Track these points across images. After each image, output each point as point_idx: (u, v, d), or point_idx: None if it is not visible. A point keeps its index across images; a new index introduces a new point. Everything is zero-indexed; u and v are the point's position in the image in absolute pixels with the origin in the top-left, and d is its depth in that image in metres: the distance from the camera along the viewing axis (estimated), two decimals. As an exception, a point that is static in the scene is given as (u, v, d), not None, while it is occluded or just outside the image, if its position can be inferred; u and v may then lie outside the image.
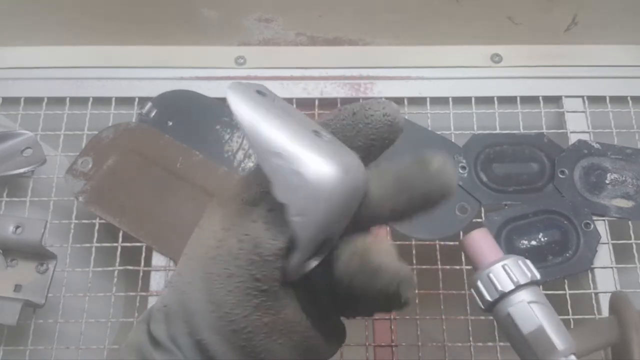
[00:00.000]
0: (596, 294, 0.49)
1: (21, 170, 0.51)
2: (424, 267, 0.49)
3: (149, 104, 0.55)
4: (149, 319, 0.27)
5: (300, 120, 0.24)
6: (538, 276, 0.27)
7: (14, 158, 0.51)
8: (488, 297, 0.26)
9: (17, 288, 0.46)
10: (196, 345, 0.25)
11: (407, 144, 0.53)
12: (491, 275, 0.26)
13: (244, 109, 0.23)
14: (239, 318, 0.24)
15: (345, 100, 0.56)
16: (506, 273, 0.26)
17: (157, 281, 0.49)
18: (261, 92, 0.25)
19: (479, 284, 0.26)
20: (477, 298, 0.27)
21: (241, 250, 0.24)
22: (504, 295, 0.26)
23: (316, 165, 0.22)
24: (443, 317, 0.47)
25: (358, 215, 0.24)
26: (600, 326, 0.42)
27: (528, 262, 0.27)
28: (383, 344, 0.46)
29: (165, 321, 0.26)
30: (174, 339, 0.25)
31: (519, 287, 0.26)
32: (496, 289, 0.26)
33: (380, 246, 0.24)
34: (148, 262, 0.50)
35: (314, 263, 0.24)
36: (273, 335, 0.25)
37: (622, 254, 0.50)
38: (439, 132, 0.54)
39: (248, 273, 0.24)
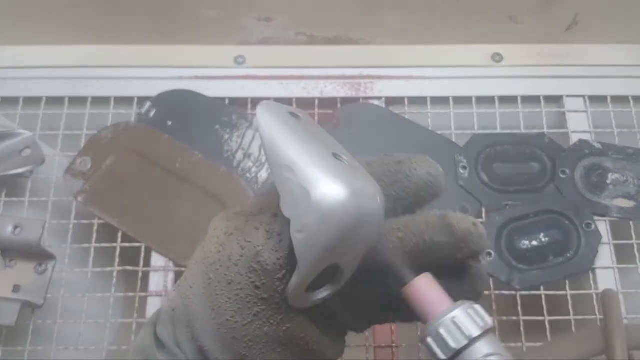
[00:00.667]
0: (597, 294, 0.48)
1: (20, 171, 0.51)
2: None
3: (148, 104, 0.55)
4: (156, 321, 0.27)
5: (324, 143, 0.24)
6: (490, 323, 0.23)
7: (12, 158, 0.51)
8: (441, 356, 0.23)
9: (16, 288, 0.46)
10: (199, 351, 0.25)
11: (408, 145, 0.53)
12: (441, 330, 0.23)
13: (267, 122, 0.23)
14: (239, 326, 0.24)
15: (346, 100, 0.56)
16: (457, 326, 0.23)
17: (156, 282, 0.49)
18: (294, 114, 0.25)
19: (430, 340, 0.23)
20: (430, 356, 0.24)
21: (241, 257, 0.24)
22: (457, 353, 0.23)
23: (322, 183, 0.21)
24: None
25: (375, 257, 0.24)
26: (585, 336, 0.42)
27: (478, 307, 0.23)
28: (383, 344, 0.46)
29: (171, 324, 0.25)
30: (178, 343, 0.25)
31: (472, 340, 0.23)
32: (448, 346, 0.23)
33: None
34: (147, 262, 0.49)
35: (323, 294, 0.24)
36: (273, 344, 0.24)
37: (623, 254, 0.50)
38: (439, 132, 0.54)
39: (248, 281, 0.24)
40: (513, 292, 0.48)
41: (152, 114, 0.54)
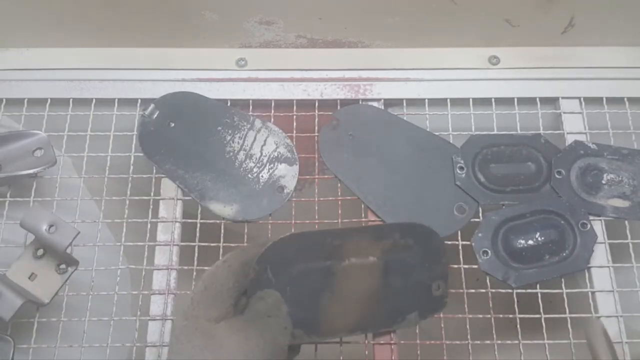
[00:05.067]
0: (593, 293, 0.49)
1: (31, 171, 0.51)
2: (422, 266, 0.49)
3: (152, 106, 0.55)
4: None
5: None
6: None
7: (24, 158, 0.51)
8: None
9: (32, 277, 0.47)
10: None
11: (407, 146, 0.54)
12: None
13: None
14: None
15: (345, 102, 0.57)
16: None
17: (159, 280, 0.50)
18: None
19: None
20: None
21: None
22: None
23: None
24: (442, 315, 0.48)
25: None
26: None
27: None
28: (382, 341, 0.47)
29: None
30: None
31: None
32: None
33: None
34: (151, 261, 0.50)
35: None
36: None
37: (618, 254, 0.51)
38: (437, 133, 0.55)
39: None
40: (509, 290, 0.49)
41: (155, 115, 0.55)
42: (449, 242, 0.50)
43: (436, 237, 0.47)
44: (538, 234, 0.50)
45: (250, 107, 0.57)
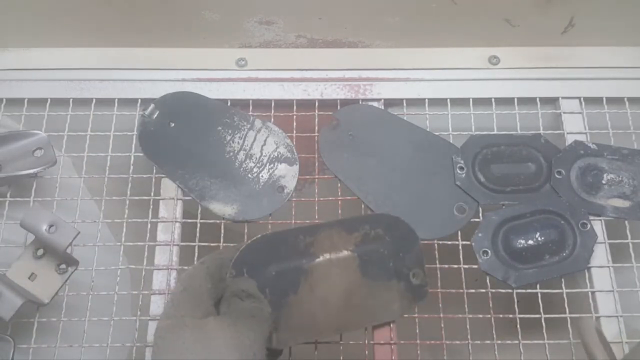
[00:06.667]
0: (593, 292, 0.49)
1: (31, 171, 0.51)
2: (422, 266, 0.49)
3: (152, 106, 0.55)
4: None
5: None
6: None
7: (25, 158, 0.51)
8: None
9: (32, 277, 0.48)
10: None
11: (407, 145, 0.54)
12: None
13: None
14: None
15: (345, 102, 0.57)
16: None
17: (159, 280, 0.50)
18: None
19: None
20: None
21: None
22: None
23: None
24: (441, 315, 0.48)
25: None
26: None
27: None
28: (382, 342, 0.47)
29: None
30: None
31: None
32: None
33: None
34: (151, 261, 0.50)
35: None
36: None
37: (618, 254, 0.51)
38: (437, 133, 0.55)
39: None
40: (509, 290, 0.49)
41: (155, 115, 0.55)
42: (449, 242, 0.50)
43: (403, 225, 0.47)
44: (538, 234, 0.50)
45: (250, 107, 0.57)
